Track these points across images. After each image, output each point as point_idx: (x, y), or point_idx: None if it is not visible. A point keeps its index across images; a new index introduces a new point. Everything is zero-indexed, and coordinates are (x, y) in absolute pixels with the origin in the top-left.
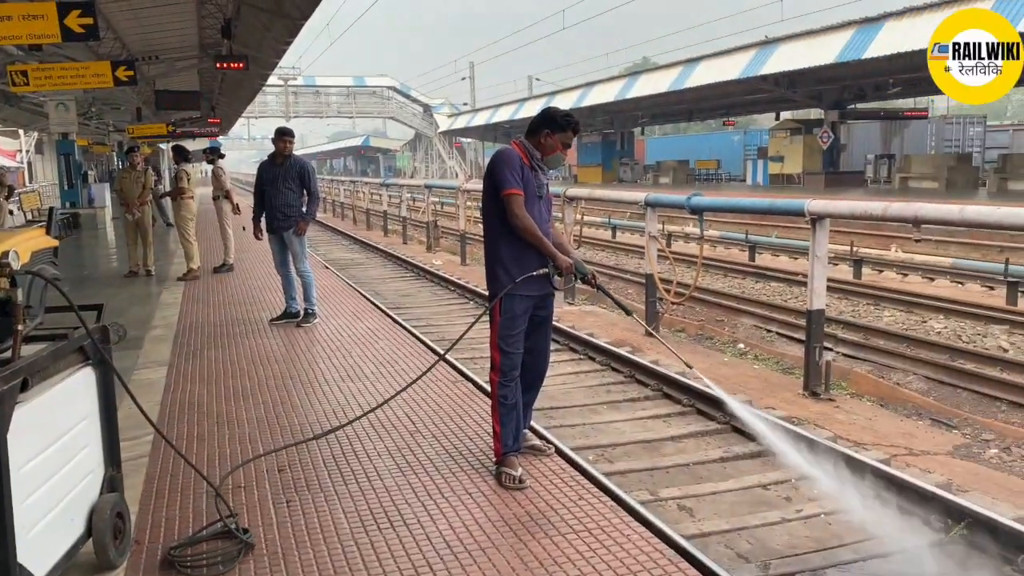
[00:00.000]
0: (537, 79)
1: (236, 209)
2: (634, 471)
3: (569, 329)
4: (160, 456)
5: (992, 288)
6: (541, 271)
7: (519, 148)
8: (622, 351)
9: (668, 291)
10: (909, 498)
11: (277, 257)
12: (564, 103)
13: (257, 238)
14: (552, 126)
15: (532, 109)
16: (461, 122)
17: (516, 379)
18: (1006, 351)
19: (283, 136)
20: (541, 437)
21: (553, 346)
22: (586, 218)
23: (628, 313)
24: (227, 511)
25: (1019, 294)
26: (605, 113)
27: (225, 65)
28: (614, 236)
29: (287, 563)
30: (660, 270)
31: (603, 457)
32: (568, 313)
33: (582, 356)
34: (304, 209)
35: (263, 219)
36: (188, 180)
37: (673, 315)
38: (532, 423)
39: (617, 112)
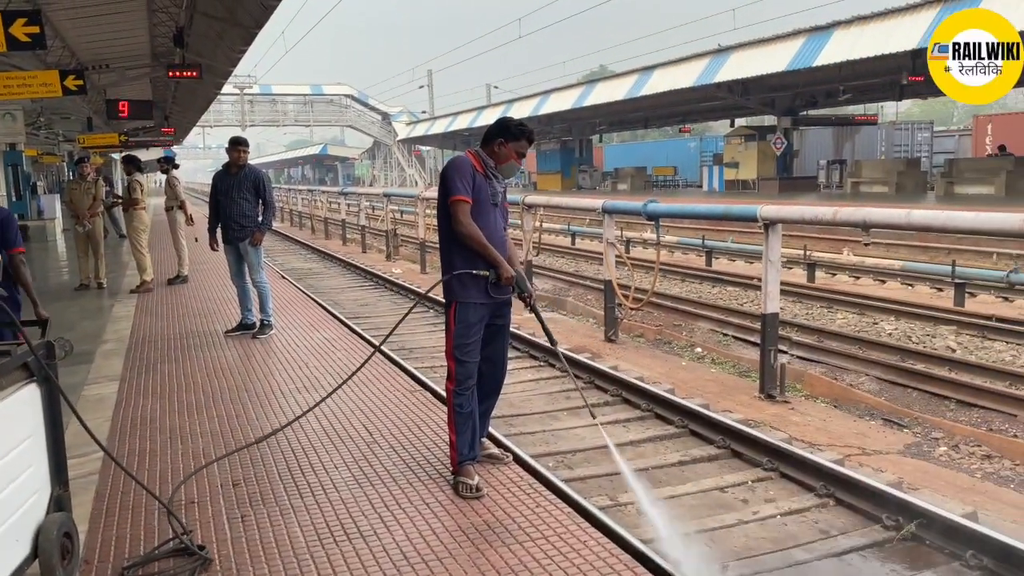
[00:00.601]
0: (495, 87)
1: (190, 220)
2: (594, 477)
3: (529, 336)
4: (111, 473)
5: (941, 290)
6: (481, 272)
7: (473, 157)
8: (581, 357)
9: (627, 297)
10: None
11: (232, 268)
12: (522, 111)
13: (212, 249)
14: (506, 135)
15: (490, 117)
16: (420, 130)
17: (472, 388)
18: (954, 351)
19: (237, 146)
20: (500, 445)
21: (513, 353)
22: (546, 225)
23: (553, 344)
24: (180, 528)
25: (966, 295)
26: (563, 121)
27: (178, 74)
28: (573, 243)
29: None
30: (619, 276)
31: (563, 463)
32: (528, 320)
33: (542, 363)
34: (260, 219)
35: (218, 229)
36: (141, 190)
37: (632, 321)
38: (491, 431)
39: (575, 120)
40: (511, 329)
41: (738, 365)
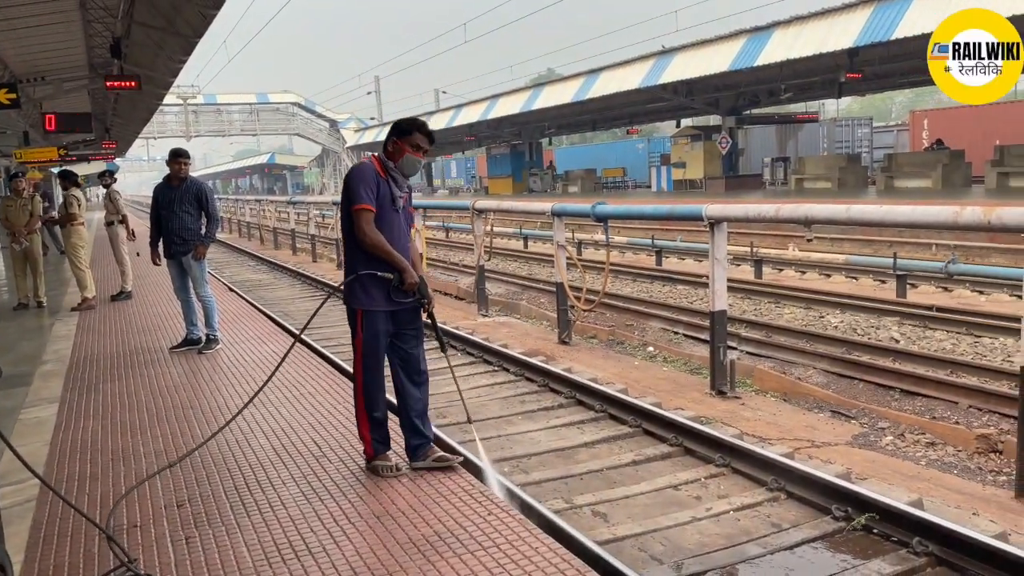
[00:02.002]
0: (443, 92)
1: (131, 234)
2: (549, 480)
3: (483, 341)
4: (49, 499)
5: (884, 282)
6: (385, 275)
7: (376, 162)
8: (535, 361)
9: (579, 299)
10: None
11: (176, 282)
12: (471, 115)
13: (155, 263)
14: (396, 133)
15: (440, 121)
16: (368, 136)
17: (381, 394)
18: (897, 341)
19: (178, 158)
20: (448, 448)
21: (466, 359)
22: (498, 229)
23: (443, 350)
24: (124, 555)
25: (908, 287)
26: (512, 124)
27: (116, 85)
28: (526, 246)
29: None
30: (570, 278)
31: (518, 468)
32: (482, 325)
33: (496, 368)
34: (203, 232)
35: (160, 244)
36: (78, 205)
37: (585, 322)
38: (442, 435)
39: (524, 123)
40: (464, 334)
41: (689, 362)
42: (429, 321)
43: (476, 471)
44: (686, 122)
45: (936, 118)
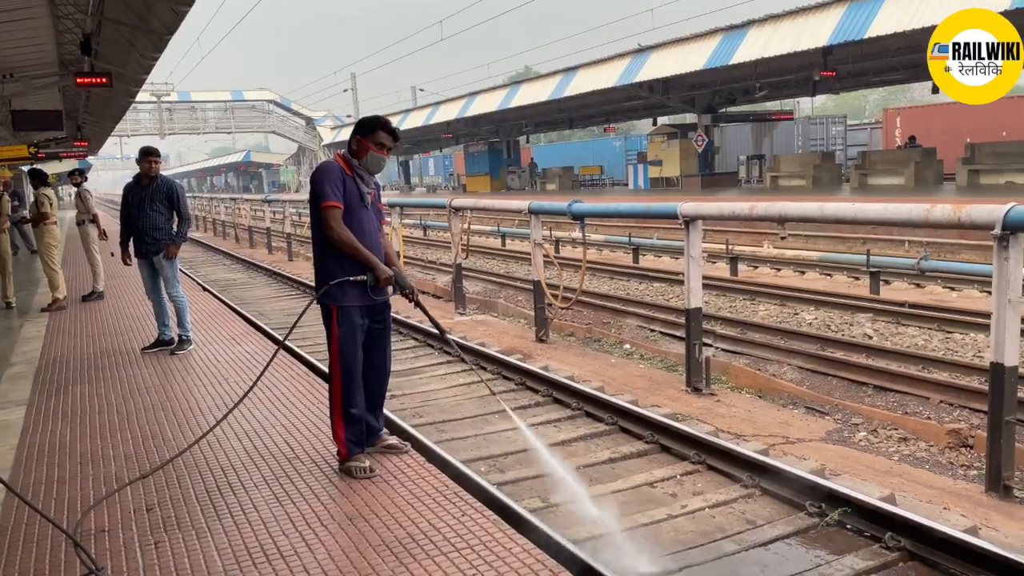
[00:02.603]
0: (421, 89)
1: (103, 234)
2: (525, 479)
3: (460, 340)
4: (15, 505)
5: (857, 278)
6: (358, 278)
7: (341, 160)
8: (512, 359)
9: (556, 297)
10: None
11: (147, 283)
12: (448, 113)
13: (126, 263)
14: (360, 131)
15: (417, 120)
16: (345, 134)
17: (360, 392)
18: (871, 338)
19: (148, 156)
20: (400, 434)
21: (443, 358)
22: (477, 227)
23: (442, 333)
24: (91, 562)
25: (881, 283)
26: (490, 122)
27: (87, 82)
28: (504, 244)
29: None
30: (548, 276)
31: (495, 467)
32: (460, 324)
33: (473, 367)
34: (174, 231)
35: (131, 243)
36: (50, 205)
37: (562, 320)
38: (394, 418)
39: (502, 121)
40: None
41: (666, 360)
42: (419, 309)
43: (451, 469)
44: (663, 120)
45: (909, 116)
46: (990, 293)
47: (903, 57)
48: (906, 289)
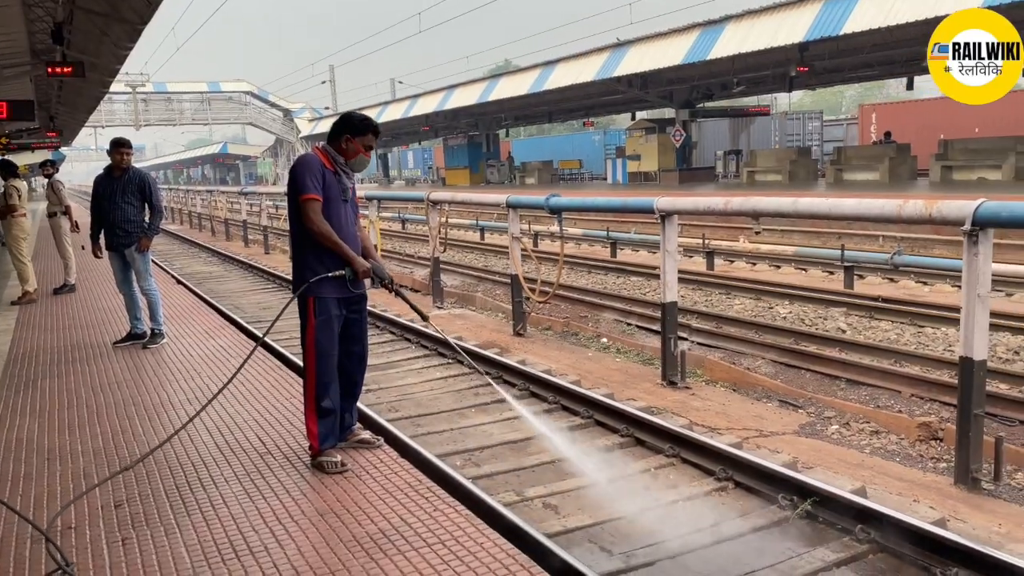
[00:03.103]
0: (400, 82)
1: (75, 226)
2: (500, 473)
3: (437, 334)
4: None
5: (832, 273)
6: (337, 273)
7: (321, 154)
8: (490, 353)
9: (533, 291)
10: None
11: (119, 275)
12: (427, 106)
13: (96, 256)
14: (351, 131)
15: (396, 112)
16: (323, 126)
17: (334, 384)
18: (844, 332)
19: (119, 148)
20: (373, 428)
21: (420, 352)
22: (456, 220)
23: (424, 318)
24: (62, 559)
25: (855, 278)
26: (469, 115)
27: (58, 71)
28: (483, 238)
29: None
30: (525, 270)
31: (470, 461)
32: (437, 318)
33: (450, 360)
34: (147, 224)
35: (102, 236)
36: (19, 196)
37: (540, 314)
38: (370, 412)
39: (481, 114)
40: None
41: (642, 353)
42: (401, 298)
43: (425, 463)
44: (641, 115)
45: (884, 112)
46: (961, 287)
47: (879, 54)
48: (880, 284)
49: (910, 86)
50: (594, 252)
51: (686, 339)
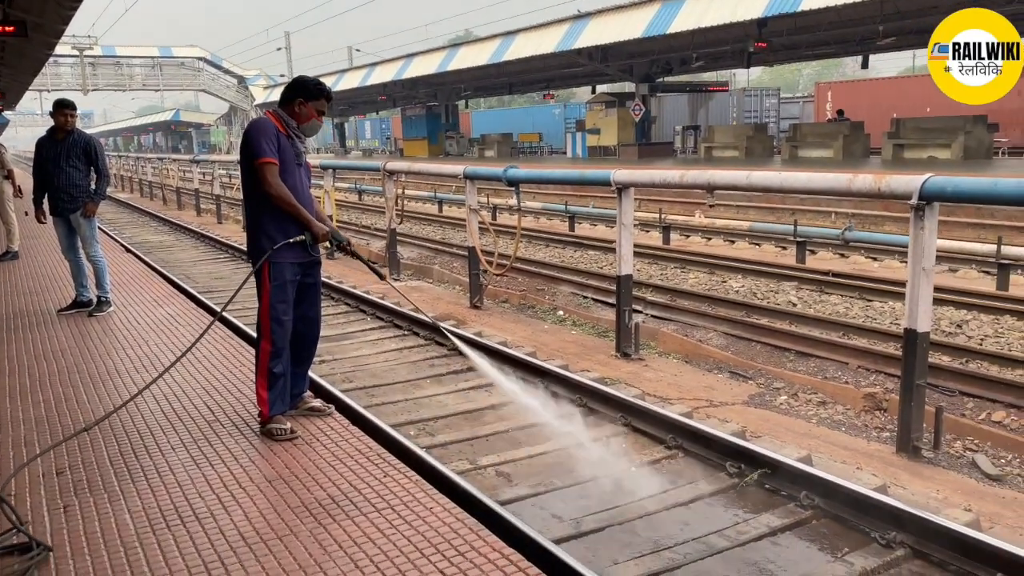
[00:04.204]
0: (357, 49)
1: (18, 191)
2: (455, 442)
3: (393, 305)
4: None
5: (785, 248)
6: (296, 239)
7: (274, 118)
8: (446, 325)
9: (491, 263)
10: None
11: (64, 242)
12: (385, 74)
13: (40, 221)
14: (305, 94)
15: (353, 80)
16: (278, 94)
17: (286, 349)
18: (795, 305)
19: (63, 108)
20: (326, 398)
21: (376, 323)
22: (414, 192)
23: (381, 277)
24: (15, 518)
25: (807, 253)
26: (428, 85)
27: None
28: (441, 210)
29: (59, 572)
30: (483, 243)
31: (424, 431)
32: (393, 290)
33: (406, 332)
34: (93, 189)
35: (46, 201)
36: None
37: (497, 286)
38: (321, 381)
39: (440, 84)
40: (374, 298)
41: (597, 326)
42: (357, 259)
43: (378, 432)
44: (602, 88)
45: (840, 90)
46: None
47: (835, 31)
48: (831, 259)
49: (865, 65)
50: (553, 226)
51: (640, 312)
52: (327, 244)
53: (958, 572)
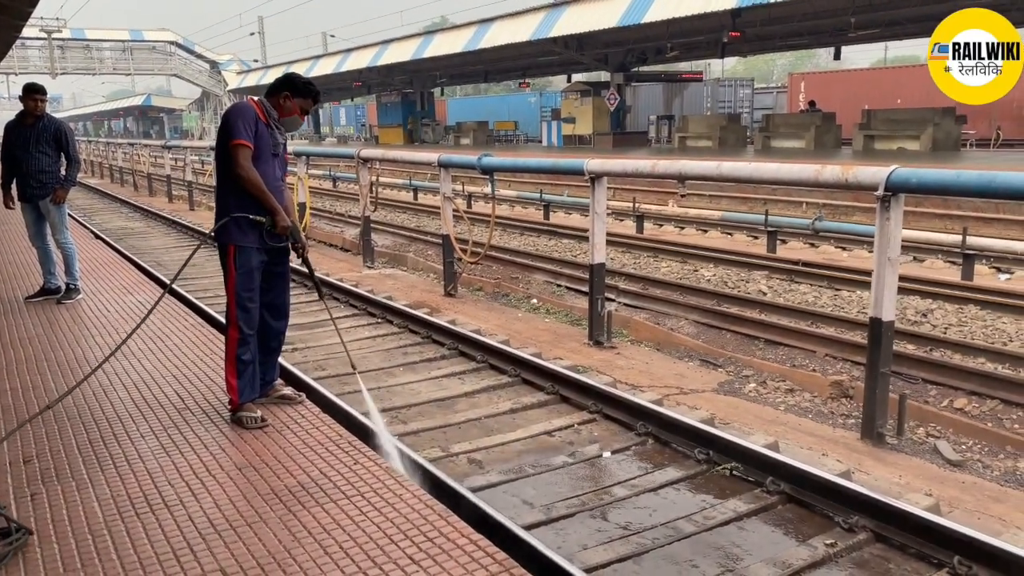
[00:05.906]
0: (332, 35)
1: None
2: (427, 430)
3: (367, 293)
4: None
5: (756, 238)
6: (257, 218)
7: (257, 106)
8: (420, 313)
9: (465, 251)
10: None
11: (32, 228)
12: (360, 61)
13: (8, 207)
14: (292, 89)
15: (327, 66)
16: (251, 80)
17: (254, 336)
18: (765, 294)
19: (32, 93)
20: (298, 386)
21: (351, 311)
22: (388, 180)
23: (321, 297)
24: None
25: (778, 242)
26: (403, 72)
27: None
28: (416, 198)
29: (26, 561)
30: (458, 230)
31: (397, 419)
32: (367, 277)
33: (380, 320)
34: (62, 175)
35: (14, 186)
36: None
37: (471, 274)
38: (292, 368)
39: (415, 72)
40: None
41: (570, 314)
42: (305, 269)
43: (348, 419)
44: (577, 77)
45: (813, 81)
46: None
47: (808, 23)
48: (801, 248)
49: (837, 56)
50: (527, 215)
51: (613, 300)
52: (285, 237)
53: (917, 555)
